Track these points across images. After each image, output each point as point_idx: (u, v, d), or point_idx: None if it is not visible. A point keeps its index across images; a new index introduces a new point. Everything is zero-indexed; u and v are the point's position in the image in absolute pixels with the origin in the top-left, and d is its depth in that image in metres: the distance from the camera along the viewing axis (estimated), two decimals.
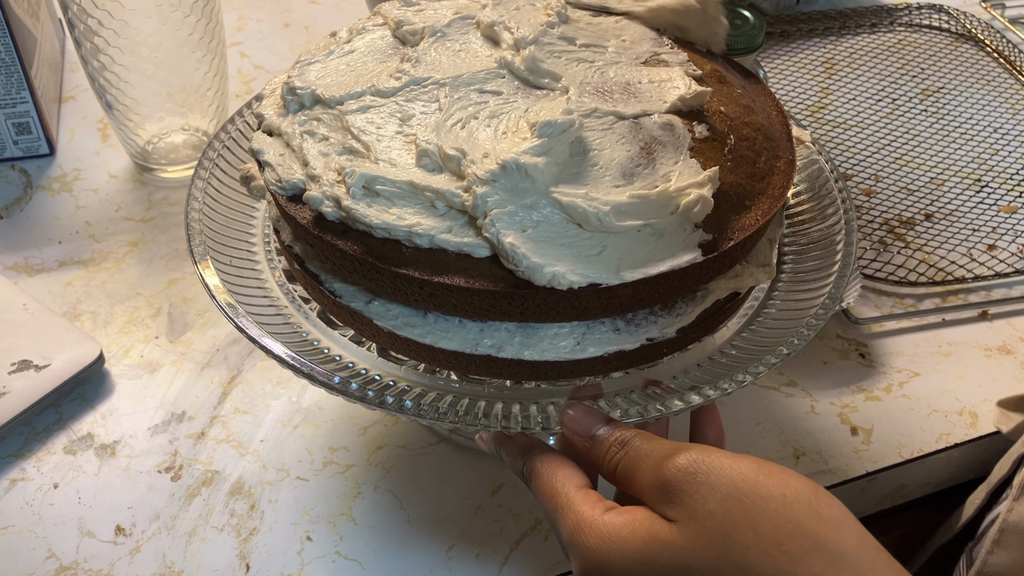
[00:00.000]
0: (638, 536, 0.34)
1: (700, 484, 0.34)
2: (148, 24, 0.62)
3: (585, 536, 0.35)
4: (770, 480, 0.33)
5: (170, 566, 0.50)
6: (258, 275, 0.51)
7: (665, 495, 0.34)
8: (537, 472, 0.39)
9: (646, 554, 0.33)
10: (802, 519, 0.32)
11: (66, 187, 0.71)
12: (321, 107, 0.47)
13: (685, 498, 0.34)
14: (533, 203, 0.41)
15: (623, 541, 0.34)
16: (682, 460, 0.35)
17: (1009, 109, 0.81)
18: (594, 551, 0.35)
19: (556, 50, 0.48)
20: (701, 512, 0.33)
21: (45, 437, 0.55)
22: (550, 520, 0.38)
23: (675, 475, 0.34)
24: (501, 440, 0.43)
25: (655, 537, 0.34)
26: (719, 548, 0.32)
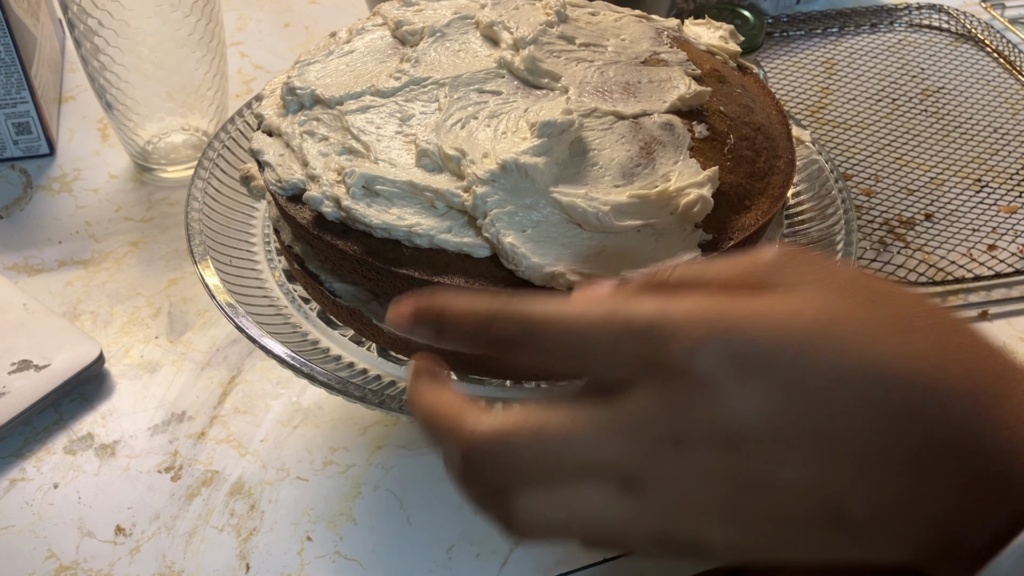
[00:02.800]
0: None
1: (824, 261, 0.30)
2: (148, 24, 0.62)
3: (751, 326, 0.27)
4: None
5: (170, 566, 0.50)
6: (258, 275, 0.51)
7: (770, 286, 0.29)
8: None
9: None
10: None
11: (66, 187, 0.71)
12: (321, 107, 0.47)
13: (799, 271, 0.29)
14: (533, 203, 0.41)
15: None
16: (773, 251, 0.30)
17: (1009, 109, 0.81)
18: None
19: (556, 50, 0.48)
20: (839, 277, 0.29)
21: (45, 437, 0.55)
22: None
23: (775, 262, 0.29)
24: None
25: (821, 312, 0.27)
26: (866, 306, 0.28)
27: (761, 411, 0.26)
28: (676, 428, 0.27)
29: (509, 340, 0.30)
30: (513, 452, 0.28)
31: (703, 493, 0.27)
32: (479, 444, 0.29)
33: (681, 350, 0.27)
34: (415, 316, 0.33)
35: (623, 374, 0.28)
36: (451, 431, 0.30)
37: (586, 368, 0.29)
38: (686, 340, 0.27)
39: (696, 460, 0.27)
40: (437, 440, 0.31)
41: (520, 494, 0.29)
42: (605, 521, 0.28)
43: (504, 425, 0.29)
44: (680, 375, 0.27)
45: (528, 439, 0.28)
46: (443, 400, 0.31)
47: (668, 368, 0.27)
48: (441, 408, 0.31)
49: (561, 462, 0.28)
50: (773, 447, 0.27)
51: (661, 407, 0.27)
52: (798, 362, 0.26)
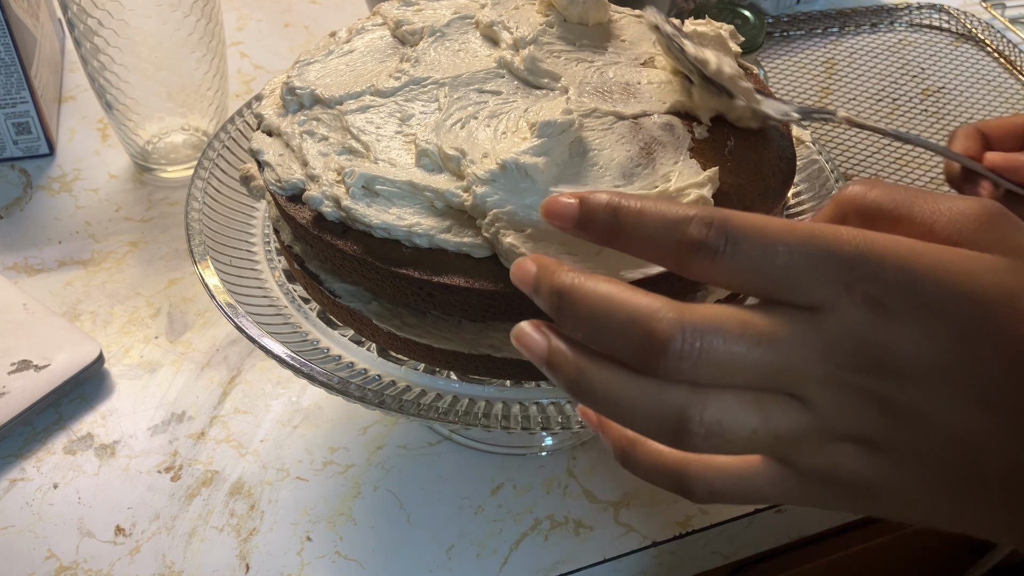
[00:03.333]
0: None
1: (1018, 225, 0.31)
2: (148, 24, 0.62)
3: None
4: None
5: (170, 566, 0.50)
6: (258, 275, 0.51)
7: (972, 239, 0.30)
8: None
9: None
10: None
11: (66, 187, 0.71)
12: (320, 107, 0.47)
13: (1003, 233, 0.30)
14: (533, 203, 0.41)
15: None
16: (980, 206, 0.31)
17: (1009, 109, 0.81)
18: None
19: (555, 50, 0.48)
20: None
21: (45, 437, 0.55)
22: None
23: (980, 219, 0.30)
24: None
25: None
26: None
27: (935, 352, 0.28)
28: (860, 353, 0.28)
29: (707, 245, 0.28)
30: (725, 342, 0.28)
31: (863, 419, 0.29)
32: (693, 325, 0.28)
33: (877, 281, 0.28)
34: (582, 210, 0.31)
35: (818, 295, 0.28)
36: (648, 316, 0.28)
37: (782, 286, 0.29)
38: (883, 273, 0.28)
39: (868, 385, 0.28)
40: (617, 330, 0.29)
41: (712, 393, 0.29)
42: (787, 434, 0.29)
43: (711, 312, 0.28)
44: (872, 305, 0.28)
45: (737, 332, 0.28)
46: (616, 289, 0.29)
47: (861, 298, 0.28)
48: (620, 295, 0.29)
49: (762, 363, 0.28)
50: (937, 389, 0.28)
51: (851, 332, 0.28)
52: (978, 320, 0.28)
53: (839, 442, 0.29)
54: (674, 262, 0.30)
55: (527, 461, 0.54)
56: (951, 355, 0.28)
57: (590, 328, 0.30)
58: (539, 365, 0.31)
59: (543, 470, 0.54)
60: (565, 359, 0.30)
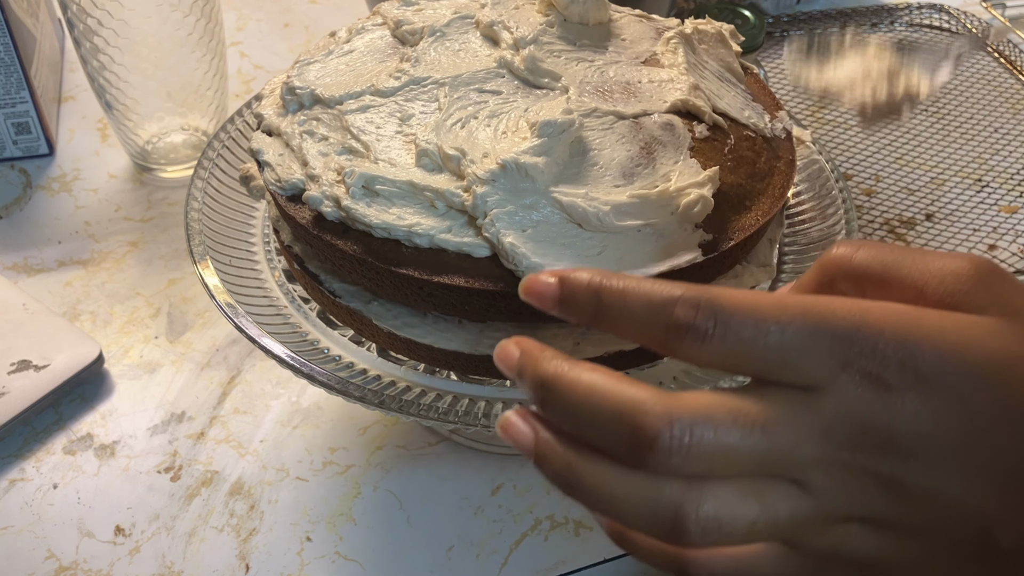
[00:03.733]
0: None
1: (1019, 285, 0.29)
2: (148, 24, 0.62)
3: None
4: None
5: (170, 566, 0.49)
6: (258, 275, 0.51)
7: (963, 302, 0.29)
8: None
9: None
10: None
11: (66, 187, 0.71)
12: (320, 107, 0.47)
13: (997, 293, 0.29)
14: (533, 203, 0.41)
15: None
16: (972, 263, 0.29)
17: (1009, 109, 0.81)
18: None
19: (556, 49, 0.48)
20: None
21: (45, 437, 0.55)
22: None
23: (972, 277, 0.29)
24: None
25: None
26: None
27: (940, 427, 0.27)
28: (860, 432, 0.27)
29: (695, 327, 0.27)
30: (715, 433, 0.27)
31: (868, 500, 0.28)
32: (681, 418, 0.27)
33: (875, 356, 0.27)
34: (563, 290, 0.30)
35: (813, 375, 0.27)
36: (634, 410, 0.27)
37: (776, 366, 0.27)
38: (881, 347, 0.27)
39: (871, 465, 0.27)
40: (603, 423, 0.28)
41: (706, 487, 0.27)
42: (787, 522, 0.28)
43: (700, 403, 0.27)
44: (871, 381, 0.27)
45: (727, 421, 0.27)
46: (602, 379, 0.28)
47: (859, 375, 0.27)
48: (606, 385, 0.28)
49: (757, 451, 0.27)
50: (943, 465, 0.27)
51: (850, 411, 0.27)
52: (981, 391, 0.27)
53: (843, 523, 0.28)
54: (661, 345, 0.28)
55: (527, 461, 0.54)
56: (956, 428, 0.27)
57: (576, 421, 0.28)
58: (527, 457, 0.30)
59: None
60: (553, 453, 0.29)
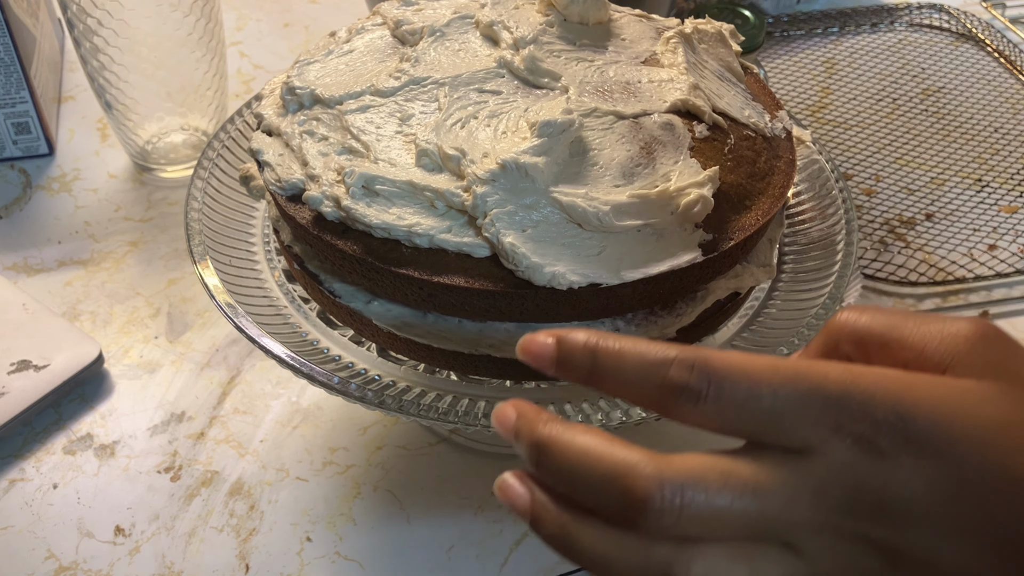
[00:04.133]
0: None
1: (1020, 350, 0.29)
2: (147, 24, 0.62)
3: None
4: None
5: (169, 566, 0.49)
6: (258, 275, 0.51)
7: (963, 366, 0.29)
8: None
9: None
10: None
11: (65, 187, 0.71)
12: (320, 107, 0.47)
13: (997, 357, 0.29)
14: (533, 203, 0.41)
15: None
16: (972, 327, 0.29)
17: (1009, 109, 0.81)
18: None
19: (555, 49, 0.48)
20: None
21: (44, 437, 0.55)
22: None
23: (971, 340, 0.29)
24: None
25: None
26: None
27: (932, 493, 0.27)
28: (852, 496, 0.27)
29: (689, 389, 0.28)
30: (706, 495, 0.27)
31: (860, 565, 0.28)
32: (672, 481, 0.27)
33: (867, 421, 0.27)
34: (560, 351, 0.30)
35: (805, 438, 0.27)
36: (626, 473, 0.27)
37: (768, 429, 0.28)
38: (873, 412, 0.27)
39: (863, 530, 0.27)
40: (596, 486, 0.28)
41: (696, 549, 0.28)
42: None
43: (691, 466, 0.27)
44: (862, 446, 0.27)
45: (718, 484, 0.27)
46: (596, 441, 0.29)
47: (851, 439, 0.27)
48: (599, 448, 0.28)
49: (748, 515, 0.27)
50: (936, 531, 0.27)
51: (841, 475, 0.27)
52: (973, 457, 0.27)
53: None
54: (656, 406, 0.29)
55: None
56: (949, 495, 0.27)
57: (570, 483, 0.29)
58: (523, 519, 0.30)
59: None
60: (548, 514, 0.29)
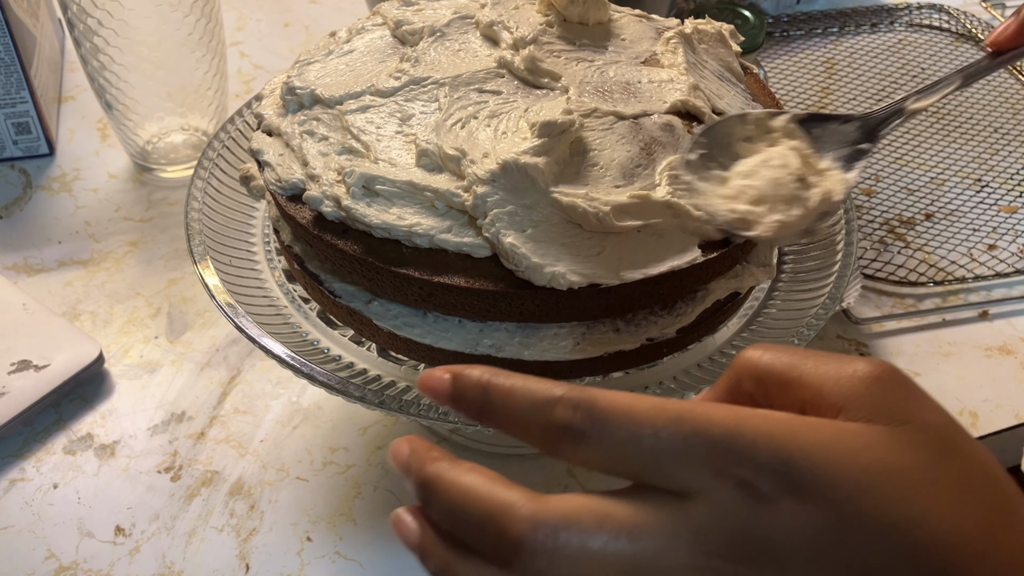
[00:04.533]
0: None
1: (916, 393, 0.29)
2: (148, 24, 0.62)
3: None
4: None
5: (170, 566, 0.49)
6: (258, 275, 0.51)
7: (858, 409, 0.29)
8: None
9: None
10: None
11: (66, 187, 0.71)
12: (320, 107, 0.47)
13: (892, 401, 0.29)
14: (533, 203, 0.41)
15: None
16: (871, 369, 0.29)
17: (1009, 109, 0.81)
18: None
19: (555, 49, 0.48)
20: (922, 420, 0.29)
21: (45, 437, 0.55)
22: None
23: (869, 382, 0.29)
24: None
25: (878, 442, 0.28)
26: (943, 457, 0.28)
27: (812, 537, 0.27)
28: (733, 540, 0.27)
29: (573, 428, 0.28)
30: (580, 537, 0.27)
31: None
32: (546, 523, 0.27)
33: (749, 464, 0.27)
34: (454, 386, 0.30)
35: (686, 481, 0.27)
36: (502, 513, 0.28)
37: (650, 470, 0.28)
38: (755, 456, 0.27)
39: (743, 572, 0.27)
40: (475, 525, 0.28)
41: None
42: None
43: (567, 507, 0.27)
44: (744, 489, 0.27)
45: (593, 526, 0.27)
46: (478, 481, 0.29)
47: (732, 483, 0.27)
48: (480, 488, 0.29)
49: (624, 557, 0.27)
50: (819, 572, 0.27)
51: (722, 518, 0.27)
52: (851, 502, 0.27)
53: None
54: (544, 445, 0.29)
55: (527, 462, 0.54)
56: (830, 540, 0.27)
57: (452, 522, 0.29)
58: (413, 553, 0.31)
59: (543, 471, 0.54)
60: (435, 550, 0.30)
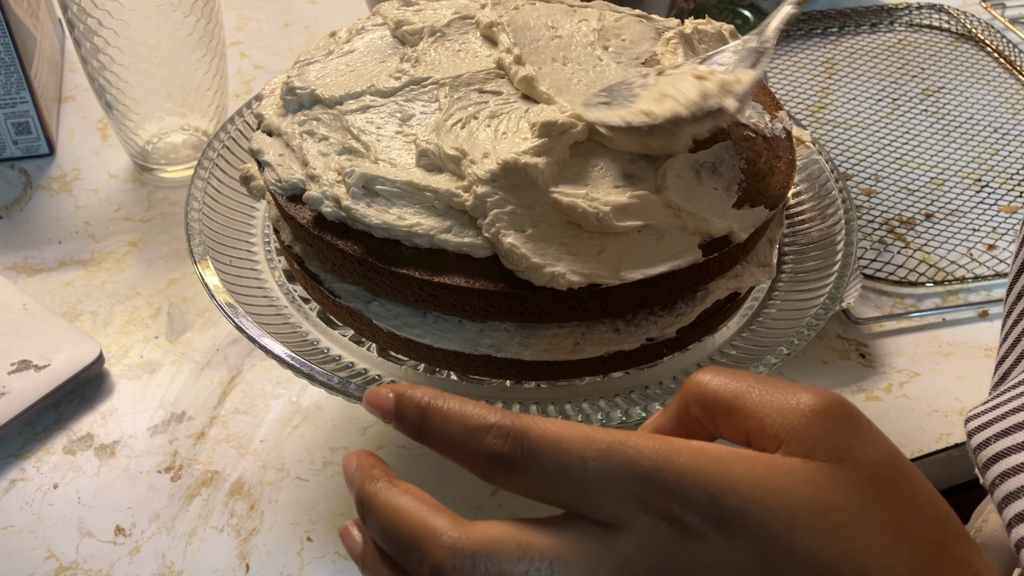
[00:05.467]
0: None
1: (859, 426, 0.29)
2: (148, 24, 0.62)
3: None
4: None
5: (170, 566, 0.49)
6: (258, 275, 0.51)
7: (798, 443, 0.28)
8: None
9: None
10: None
11: (66, 187, 0.71)
12: (321, 107, 0.47)
13: (833, 435, 0.28)
14: (533, 203, 0.41)
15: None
16: (818, 400, 0.29)
17: (1009, 109, 0.81)
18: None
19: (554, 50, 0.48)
20: (862, 456, 0.28)
21: (45, 437, 0.55)
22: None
23: (814, 415, 0.29)
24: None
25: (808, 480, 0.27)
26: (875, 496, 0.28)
27: (739, 571, 0.27)
28: (657, 572, 0.27)
29: (503, 457, 0.28)
30: (499, 566, 0.27)
31: None
32: (464, 550, 0.27)
33: (676, 498, 0.27)
34: (396, 406, 0.31)
35: (613, 513, 0.27)
36: (425, 538, 0.28)
37: (577, 500, 0.28)
38: (683, 490, 0.27)
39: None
40: (402, 547, 0.29)
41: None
42: None
43: (489, 536, 0.28)
44: (671, 523, 0.27)
45: (514, 555, 0.27)
46: (409, 503, 0.29)
47: (659, 516, 0.27)
48: (408, 511, 0.29)
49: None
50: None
51: (648, 552, 0.27)
52: (780, 540, 0.27)
53: None
54: (476, 470, 0.29)
55: None
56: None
57: (383, 540, 0.30)
58: (355, 563, 0.32)
59: None
60: (373, 565, 0.31)
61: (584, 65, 0.48)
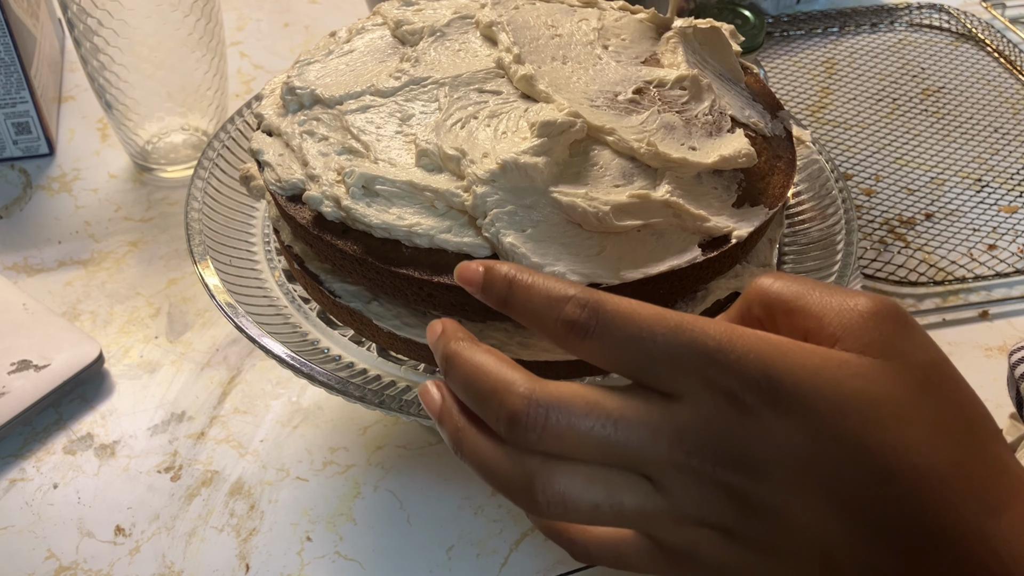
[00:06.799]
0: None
1: (912, 330, 0.30)
2: (148, 24, 0.62)
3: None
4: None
5: (170, 566, 0.49)
6: (258, 275, 0.51)
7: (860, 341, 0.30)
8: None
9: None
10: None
11: (66, 187, 0.71)
12: (320, 107, 0.47)
13: (886, 335, 0.30)
14: (533, 203, 0.41)
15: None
16: (874, 304, 0.30)
17: (1009, 109, 0.81)
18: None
19: (553, 49, 0.48)
20: (912, 356, 0.30)
21: (45, 437, 0.55)
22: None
23: (870, 315, 0.30)
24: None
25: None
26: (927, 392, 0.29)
27: (789, 451, 0.28)
28: (713, 445, 0.29)
29: (579, 324, 0.30)
30: (569, 418, 0.29)
31: (716, 508, 0.30)
32: (539, 401, 0.29)
33: (735, 377, 0.29)
34: (485, 278, 0.33)
35: (676, 384, 0.29)
36: (504, 389, 0.30)
37: (644, 370, 0.30)
38: (743, 369, 0.29)
39: (720, 476, 0.29)
40: (482, 396, 0.31)
41: (559, 466, 0.30)
42: (634, 513, 0.30)
43: (562, 391, 0.30)
44: (729, 399, 0.29)
45: (583, 410, 0.29)
46: (490, 360, 0.31)
47: (719, 391, 0.29)
48: (489, 366, 0.31)
49: (608, 442, 0.29)
50: (789, 487, 0.29)
51: (706, 422, 0.29)
52: (830, 423, 0.28)
53: (695, 526, 0.30)
54: (554, 337, 0.31)
55: None
56: (805, 456, 0.28)
57: (464, 393, 0.32)
58: (433, 418, 0.34)
59: None
60: (450, 418, 0.33)
61: (584, 64, 0.48)
